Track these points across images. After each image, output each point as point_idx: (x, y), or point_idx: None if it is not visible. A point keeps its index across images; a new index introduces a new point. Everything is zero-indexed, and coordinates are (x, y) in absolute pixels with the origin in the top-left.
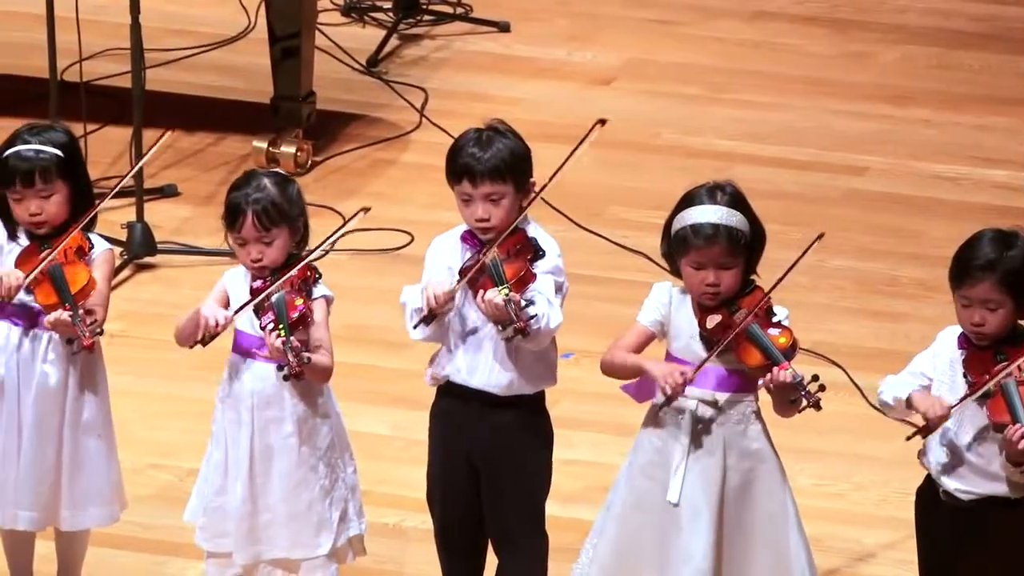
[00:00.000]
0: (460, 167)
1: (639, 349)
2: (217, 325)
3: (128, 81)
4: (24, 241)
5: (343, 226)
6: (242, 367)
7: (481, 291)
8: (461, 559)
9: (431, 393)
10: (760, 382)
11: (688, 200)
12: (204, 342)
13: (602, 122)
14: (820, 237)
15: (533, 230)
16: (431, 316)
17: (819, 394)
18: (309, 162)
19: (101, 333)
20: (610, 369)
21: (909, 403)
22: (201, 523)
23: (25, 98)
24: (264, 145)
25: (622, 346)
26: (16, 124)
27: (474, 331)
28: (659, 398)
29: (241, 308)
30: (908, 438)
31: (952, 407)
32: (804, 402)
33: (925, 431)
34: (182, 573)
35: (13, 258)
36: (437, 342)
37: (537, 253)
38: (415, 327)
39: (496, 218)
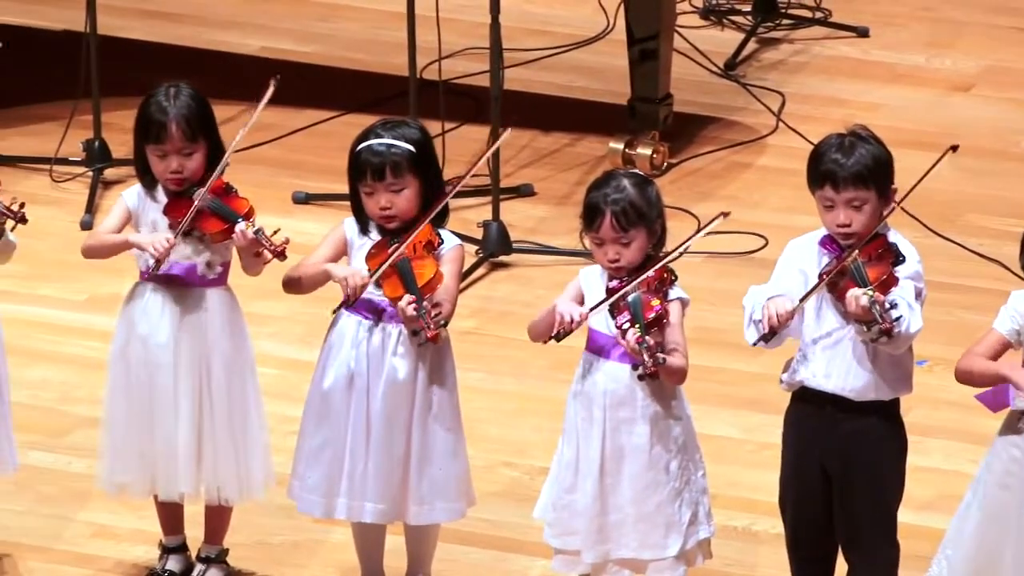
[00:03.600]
0: (822, 173)
1: (994, 357)
2: (572, 322)
3: (486, 80)
4: (375, 236)
5: (702, 228)
6: (595, 366)
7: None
8: (812, 564)
9: (783, 397)
10: None
11: None
12: (558, 337)
13: (954, 148)
14: None
15: (893, 236)
16: (772, 334)
17: None
18: (665, 164)
19: (445, 325)
20: (967, 377)
21: None
22: (550, 519)
23: (386, 96)
24: (620, 146)
25: (978, 352)
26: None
27: (830, 334)
28: (1021, 405)
29: (597, 306)
30: None
31: None
32: None
33: None
34: (527, 570)
35: (364, 252)
36: (776, 346)
37: (898, 258)
38: (754, 344)
39: (858, 223)
